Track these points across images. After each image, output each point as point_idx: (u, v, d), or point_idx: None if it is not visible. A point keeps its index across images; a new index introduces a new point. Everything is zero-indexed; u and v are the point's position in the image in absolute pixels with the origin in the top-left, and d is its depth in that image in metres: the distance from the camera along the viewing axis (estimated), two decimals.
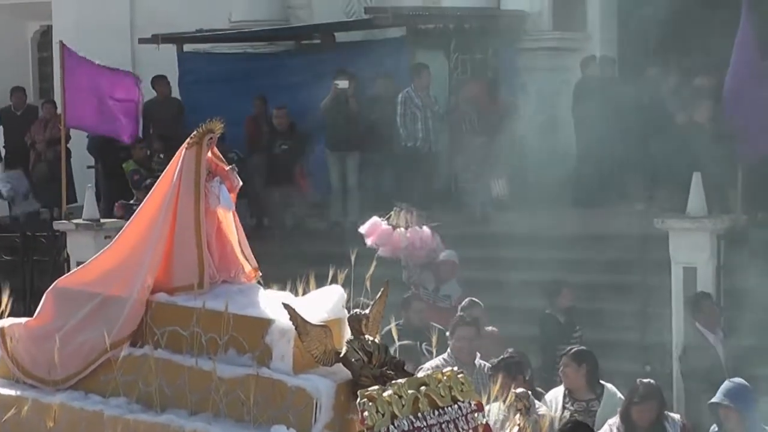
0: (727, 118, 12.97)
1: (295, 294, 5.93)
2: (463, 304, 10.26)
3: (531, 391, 7.37)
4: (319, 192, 16.29)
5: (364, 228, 12.13)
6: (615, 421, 7.98)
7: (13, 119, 17.61)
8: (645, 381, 8.24)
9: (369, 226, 12.12)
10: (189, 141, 5.99)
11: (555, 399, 8.47)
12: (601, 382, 8.56)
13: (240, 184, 6.11)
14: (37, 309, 6.14)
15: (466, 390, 5.54)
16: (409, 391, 5.36)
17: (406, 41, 16.81)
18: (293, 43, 18.62)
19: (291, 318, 5.45)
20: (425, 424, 5.34)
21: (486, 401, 6.08)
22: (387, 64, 16.86)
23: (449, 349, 9.06)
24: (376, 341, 5.65)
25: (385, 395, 5.29)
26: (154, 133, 16.94)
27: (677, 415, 8.51)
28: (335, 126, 15.68)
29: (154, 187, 6.09)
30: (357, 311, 5.72)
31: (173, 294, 5.88)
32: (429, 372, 5.64)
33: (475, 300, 10.32)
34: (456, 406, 5.47)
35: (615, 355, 11.37)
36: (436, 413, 5.39)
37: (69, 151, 16.03)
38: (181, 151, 5.98)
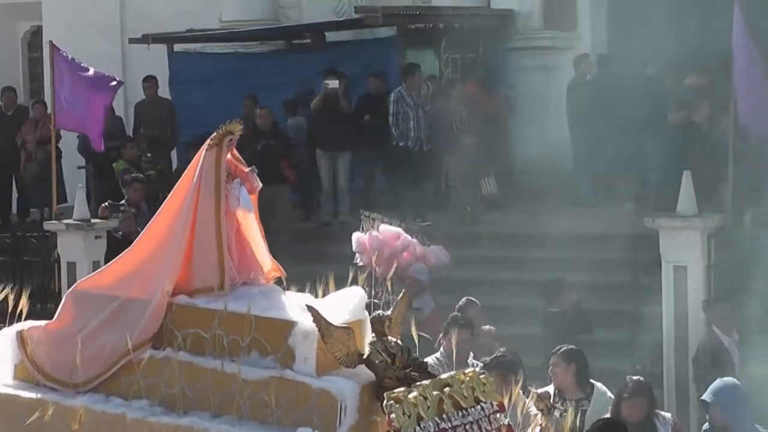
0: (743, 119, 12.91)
1: (315, 295, 5.91)
2: (461, 303, 10.24)
3: (523, 391, 7.36)
4: (308, 191, 16.28)
5: (357, 248, 11.46)
6: None
7: (4, 119, 17.56)
8: (635, 378, 8.27)
9: (357, 244, 11.48)
10: (209, 142, 5.93)
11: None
12: (591, 381, 8.57)
13: (260, 185, 6.05)
14: (57, 312, 6.10)
15: (488, 391, 5.55)
16: (434, 393, 5.36)
17: (396, 41, 16.82)
18: (283, 43, 18.62)
19: (314, 320, 5.44)
20: (450, 425, 5.35)
21: None
22: (377, 63, 16.86)
23: (441, 348, 9.11)
24: (398, 342, 5.65)
25: (411, 397, 5.28)
26: (143, 133, 16.93)
27: (668, 414, 8.52)
28: (326, 126, 15.66)
29: (173, 189, 6.05)
30: (380, 313, 5.70)
31: (193, 296, 5.84)
32: (452, 373, 5.60)
33: (473, 299, 10.31)
34: (479, 406, 5.49)
35: (606, 355, 11.38)
36: (460, 414, 5.40)
37: (59, 152, 16.00)
38: (201, 153, 5.94)
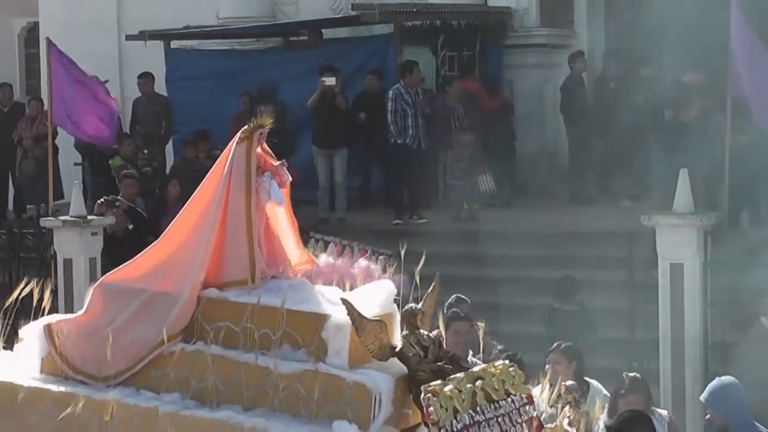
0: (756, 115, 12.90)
1: (342, 289, 5.92)
2: (450, 300, 10.25)
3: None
4: (306, 188, 16.28)
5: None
6: (605, 417, 7.99)
7: (0, 116, 17.57)
8: (631, 374, 8.27)
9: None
10: (240, 136, 5.89)
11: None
12: (586, 378, 8.57)
13: (290, 179, 6.02)
14: (85, 305, 6.08)
15: (517, 383, 5.56)
16: (468, 386, 5.36)
17: (393, 38, 16.82)
18: (280, 40, 18.63)
19: (348, 313, 5.41)
20: (484, 417, 5.35)
21: None
22: (374, 60, 16.88)
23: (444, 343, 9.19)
24: (430, 336, 5.64)
25: (447, 390, 5.28)
26: (139, 130, 16.93)
27: (665, 411, 8.54)
28: (323, 123, 15.67)
29: (202, 183, 6.02)
30: (412, 306, 5.68)
31: (223, 289, 5.81)
32: (483, 366, 5.60)
33: (462, 297, 10.31)
34: (509, 399, 5.50)
35: (603, 352, 11.40)
36: (492, 407, 5.41)
37: (56, 148, 16.00)
38: (231, 147, 5.90)
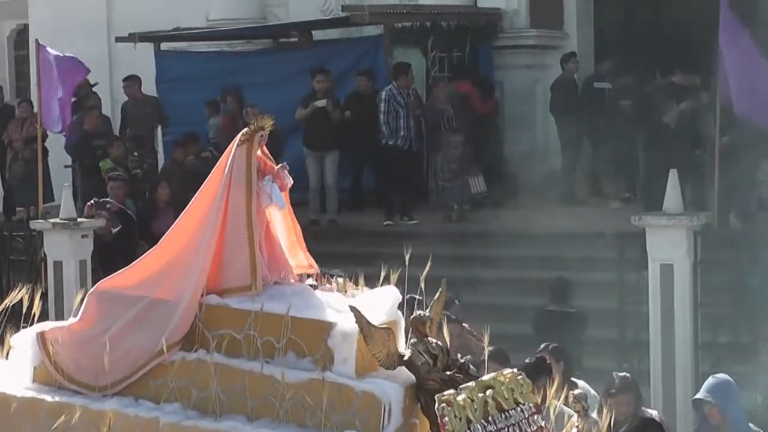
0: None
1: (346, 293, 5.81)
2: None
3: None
4: (296, 190, 16.25)
5: None
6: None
7: None
8: (621, 374, 8.28)
9: None
10: (240, 138, 5.78)
11: None
12: (573, 379, 8.58)
13: (291, 182, 5.92)
14: (80, 312, 5.94)
15: (525, 392, 5.50)
16: (479, 395, 5.29)
17: (383, 39, 16.82)
18: (270, 42, 18.61)
19: (356, 320, 5.32)
20: (495, 428, 5.29)
21: None
22: (364, 62, 16.88)
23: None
24: (439, 344, 5.54)
25: (460, 399, 5.20)
26: (129, 132, 16.92)
27: (655, 411, 8.54)
28: (314, 126, 15.63)
29: (202, 187, 5.90)
30: (421, 313, 5.58)
31: (224, 296, 5.69)
32: (493, 374, 5.51)
33: (452, 298, 10.33)
34: (519, 408, 5.43)
35: (593, 352, 11.42)
36: (503, 416, 5.34)
37: (46, 150, 15.97)
38: (231, 149, 5.80)
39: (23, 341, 5.99)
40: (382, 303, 5.61)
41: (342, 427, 5.26)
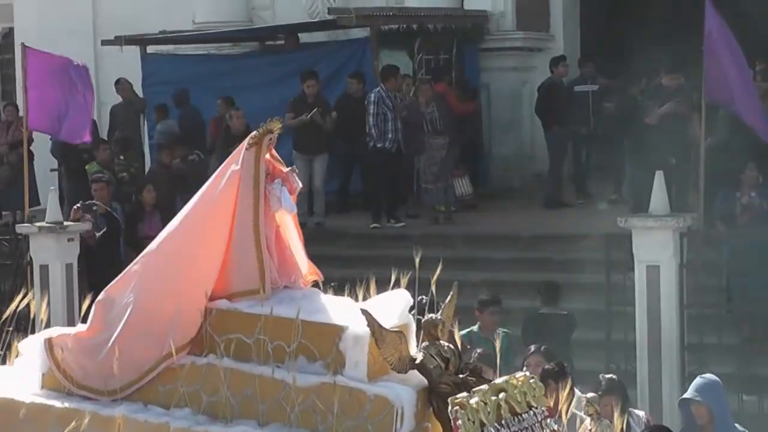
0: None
1: (355, 299, 5.74)
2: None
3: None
4: None
5: None
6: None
7: None
8: (608, 376, 8.30)
9: None
10: (249, 141, 5.67)
11: None
12: None
13: (300, 186, 5.82)
14: (89, 318, 5.85)
15: (537, 395, 5.45)
16: (492, 398, 5.24)
17: (369, 42, 16.83)
18: (257, 45, 18.61)
19: (368, 324, 5.26)
20: (509, 431, 5.25)
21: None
22: (351, 64, 16.88)
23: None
24: (451, 347, 5.48)
25: (473, 403, 5.15)
26: (116, 135, 16.90)
27: (642, 412, 8.56)
28: (304, 130, 15.59)
29: (204, 189, 5.78)
30: (433, 316, 5.52)
31: (233, 300, 5.59)
32: (506, 377, 5.47)
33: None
34: (531, 412, 5.37)
35: (580, 354, 11.44)
36: (516, 420, 5.29)
37: (32, 154, 15.92)
38: (240, 152, 5.68)
39: (31, 347, 5.93)
40: (393, 306, 5.55)
41: None
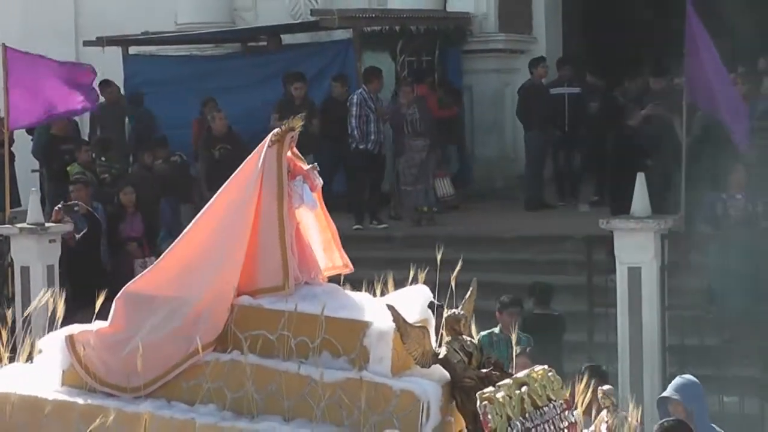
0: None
1: (373, 294, 5.80)
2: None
3: None
4: None
5: None
6: None
7: None
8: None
9: None
10: (271, 139, 5.74)
11: None
12: None
13: (321, 183, 5.89)
14: (109, 316, 5.88)
15: (556, 389, 5.52)
16: (516, 392, 5.30)
17: (352, 43, 16.82)
18: (239, 46, 18.58)
19: (394, 319, 5.32)
20: (532, 424, 5.31)
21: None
22: (334, 66, 16.87)
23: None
24: (473, 341, 5.55)
25: (499, 397, 5.21)
26: (98, 136, 16.86)
27: (623, 413, 8.57)
28: None
29: (225, 186, 5.83)
30: (455, 311, 5.59)
31: (256, 296, 5.67)
32: (527, 371, 5.54)
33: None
34: (551, 405, 5.45)
35: (561, 355, 11.45)
36: (538, 413, 5.35)
37: (13, 155, 15.87)
38: (262, 150, 5.74)
39: (51, 344, 5.94)
40: (413, 301, 5.61)
41: (380, 427, 5.24)
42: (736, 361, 11.39)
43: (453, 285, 5.85)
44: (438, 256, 5.93)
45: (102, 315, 6.01)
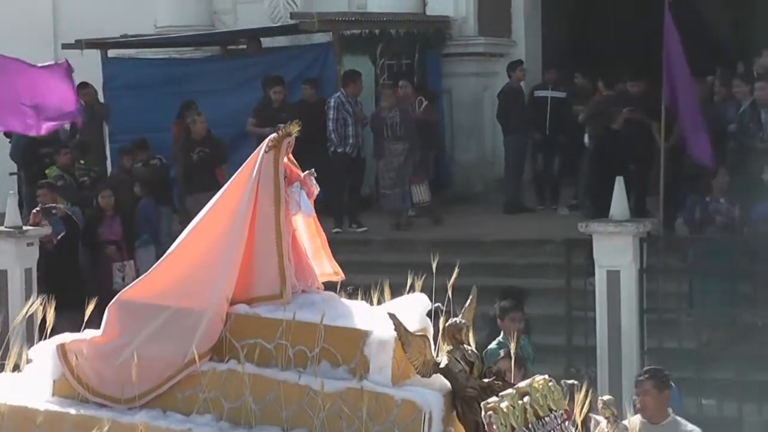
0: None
1: (370, 303, 5.74)
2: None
3: None
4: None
5: None
6: None
7: None
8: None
9: None
10: (268, 144, 5.63)
11: None
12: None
13: (318, 190, 5.80)
14: (102, 324, 5.76)
15: (557, 399, 5.48)
16: (519, 402, 5.26)
17: (332, 46, 16.83)
18: (219, 49, 18.56)
19: (395, 327, 5.25)
20: None
21: None
22: (313, 69, 16.87)
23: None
24: (474, 351, 5.48)
25: (503, 407, 5.15)
26: (77, 139, 16.80)
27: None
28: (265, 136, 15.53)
29: (222, 192, 5.73)
30: (456, 320, 5.51)
31: (252, 305, 5.55)
32: (528, 381, 5.48)
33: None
34: (552, 415, 5.40)
35: (540, 359, 11.47)
36: (540, 423, 5.30)
37: None
38: (258, 155, 5.64)
39: (42, 354, 5.83)
40: (412, 310, 5.54)
41: None
42: (714, 364, 11.43)
43: (450, 293, 5.80)
44: (434, 264, 5.91)
45: (78, 318, 5.95)
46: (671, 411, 8.20)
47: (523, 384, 5.40)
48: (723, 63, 15.57)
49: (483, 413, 5.08)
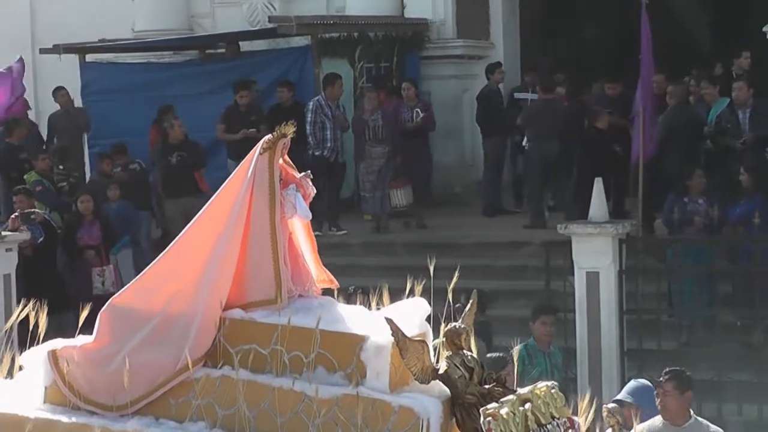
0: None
1: (368, 308, 5.63)
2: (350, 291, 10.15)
3: None
4: None
5: None
6: None
7: None
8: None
9: None
10: (263, 146, 5.48)
11: None
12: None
13: (314, 192, 5.68)
14: (94, 330, 5.65)
15: (559, 406, 5.37)
16: (519, 409, 5.16)
17: (310, 50, 16.83)
18: (197, 53, 18.54)
19: (393, 333, 5.15)
20: None
21: None
22: (292, 72, 16.87)
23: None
24: (474, 357, 5.38)
25: (503, 413, 5.06)
26: (55, 144, 16.77)
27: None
28: (238, 141, 15.52)
29: (216, 195, 5.60)
30: (456, 325, 5.40)
31: (247, 310, 5.45)
32: (530, 387, 5.36)
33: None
34: (554, 422, 5.29)
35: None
36: (541, 431, 5.21)
37: None
38: (252, 157, 5.51)
39: (33, 360, 5.74)
40: (412, 315, 5.44)
41: None
42: (693, 365, 11.45)
43: (450, 297, 5.69)
44: (431, 266, 5.80)
45: (57, 324, 5.91)
46: (692, 412, 8.17)
47: (525, 391, 5.29)
48: (700, 64, 15.64)
49: (482, 419, 5.01)
